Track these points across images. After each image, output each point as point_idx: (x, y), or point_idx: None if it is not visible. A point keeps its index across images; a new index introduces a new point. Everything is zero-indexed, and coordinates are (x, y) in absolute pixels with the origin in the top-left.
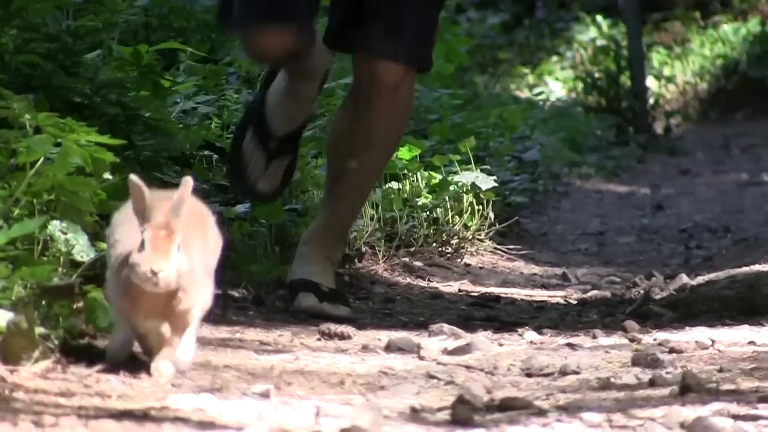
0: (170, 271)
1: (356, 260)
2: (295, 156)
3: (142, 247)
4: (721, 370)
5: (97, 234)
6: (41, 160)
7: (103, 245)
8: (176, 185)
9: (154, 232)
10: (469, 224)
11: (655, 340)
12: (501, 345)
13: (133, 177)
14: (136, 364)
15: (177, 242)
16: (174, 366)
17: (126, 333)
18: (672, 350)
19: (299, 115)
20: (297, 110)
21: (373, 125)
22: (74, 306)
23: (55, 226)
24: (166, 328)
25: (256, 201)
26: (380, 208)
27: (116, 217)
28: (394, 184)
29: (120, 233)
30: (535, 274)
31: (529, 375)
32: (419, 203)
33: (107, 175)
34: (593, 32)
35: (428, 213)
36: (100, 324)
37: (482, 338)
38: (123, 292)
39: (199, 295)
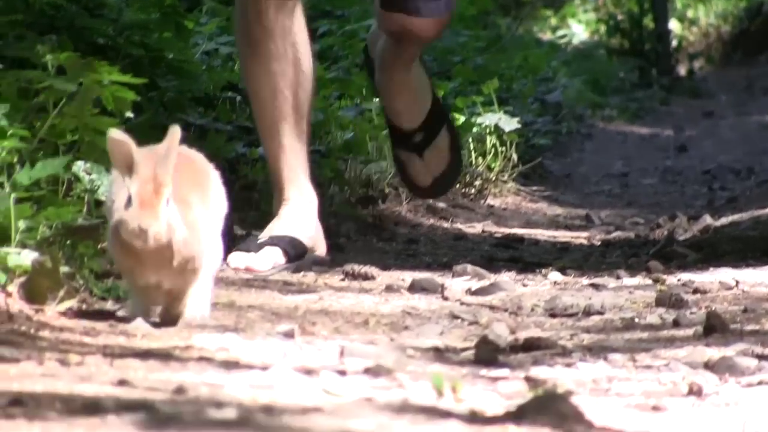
0: (160, 227)
1: (379, 201)
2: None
3: (129, 203)
4: (745, 311)
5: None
6: (64, 100)
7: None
8: (200, 127)
9: (141, 186)
10: (492, 165)
11: (678, 280)
12: (525, 285)
13: (114, 132)
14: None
15: (166, 195)
16: (186, 318)
17: (139, 296)
18: (696, 291)
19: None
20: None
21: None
22: (98, 246)
23: (79, 167)
24: (170, 284)
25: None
26: None
27: (113, 173)
28: None
29: (115, 190)
30: (558, 215)
31: (553, 315)
32: None
33: (129, 114)
34: None
35: None
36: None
37: (506, 279)
38: (118, 251)
39: (201, 247)
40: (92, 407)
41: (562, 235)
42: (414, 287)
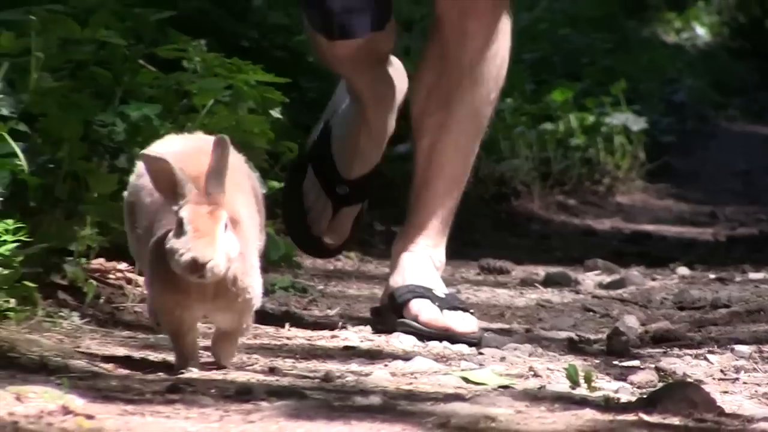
0: (218, 258)
1: (512, 198)
2: (365, 203)
3: (180, 229)
4: None
5: (266, 171)
6: (212, 101)
7: (273, 182)
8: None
9: (194, 210)
10: (620, 164)
11: None
12: (653, 279)
13: (149, 150)
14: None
15: (222, 219)
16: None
17: (186, 344)
18: None
19: (373, 153)
20: (370, 147)
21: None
22: None
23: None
24: (221, 319)
25: (318, 256)
26: (535, 148)
27: (128, 196)
28: (548, 125)
29: (138, 212)
30: (684, 212)
31: (681, 308)
32: (573, 144)
33: (276, 114)
34: None
35: (581, 153)
36: (272, 257)
37: (635, 273)
38: (163, 284)
39: (256, 279)
40: (245, 393)
41: (688, 231)
42: (547, 281)
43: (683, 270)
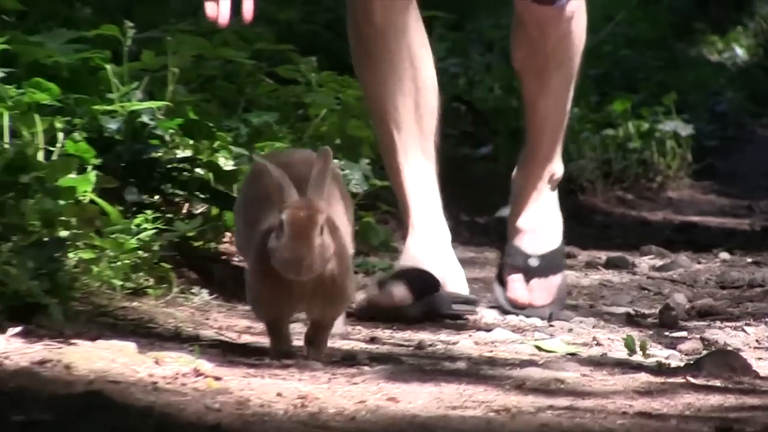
0: (314, 258)
1: (578, 193)
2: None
3: (281, 231)
4: None
5: (368, 171)
6: (324, 111)
7: (376, 181)
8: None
9: (293, 214)
10: (670, 164)
11: None
12: (699, 263)
13: (257, 159)
14: None
15: (320, 223)
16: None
17: (283, 336)
18: None
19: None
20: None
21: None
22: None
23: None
24: (317, 315)
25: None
26: (598, 150)
27: (239, 196)
28: (610, 131)
29: (246, 212)
30: (725, 206)
31: (722, 287)
32: (630, 147)
33: None
34: None
35: (638, 155)
36: (373, 242)
37: (683, 257)
38: (264, 279)
39: (351, 278)
40: (350, 359)
41: (729, 222)
42: (608, 264)
43: (724, 255)
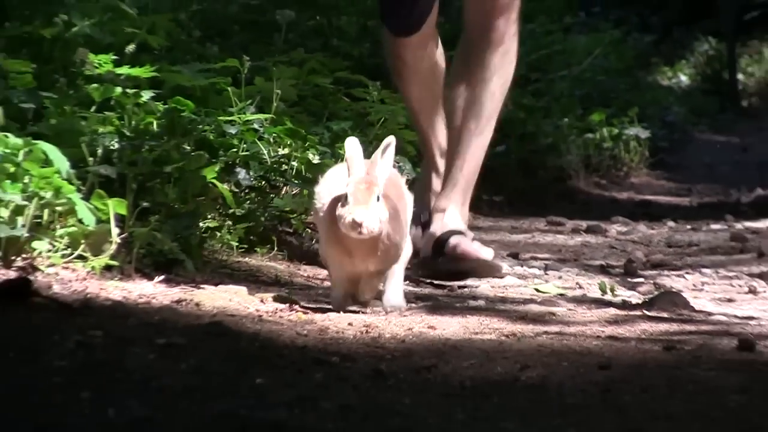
0: (372, 220)
1: (566, 180)
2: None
3: (345, 200)
4: None
5: (415, 162)
6: (382, 119)
7: (419, 169)
8: None
9: (355, 185)
10: (633, 158)
11: (743, 226)
12: (653, 229)
13: (350, 139)
14: None
15: (376, 193)
16: (384, 304)
17: (343, 286)
18: (753, 231)
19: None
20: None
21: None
22: None
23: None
24: (374, 268)
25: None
26: (581, 149)
27: (317, 185)
28: (590, 135)
29: (322, 190)
30: (672, 188)
31: (669, 246)
32: (605, 146)
33: None
34: (707, 46)
35: (610, 152)
36: None
37: (642, 225)
38: (333, 241)
39: (402, 238)
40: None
41: (674, 200)
42: (588, 230)
43: (671, 223)
